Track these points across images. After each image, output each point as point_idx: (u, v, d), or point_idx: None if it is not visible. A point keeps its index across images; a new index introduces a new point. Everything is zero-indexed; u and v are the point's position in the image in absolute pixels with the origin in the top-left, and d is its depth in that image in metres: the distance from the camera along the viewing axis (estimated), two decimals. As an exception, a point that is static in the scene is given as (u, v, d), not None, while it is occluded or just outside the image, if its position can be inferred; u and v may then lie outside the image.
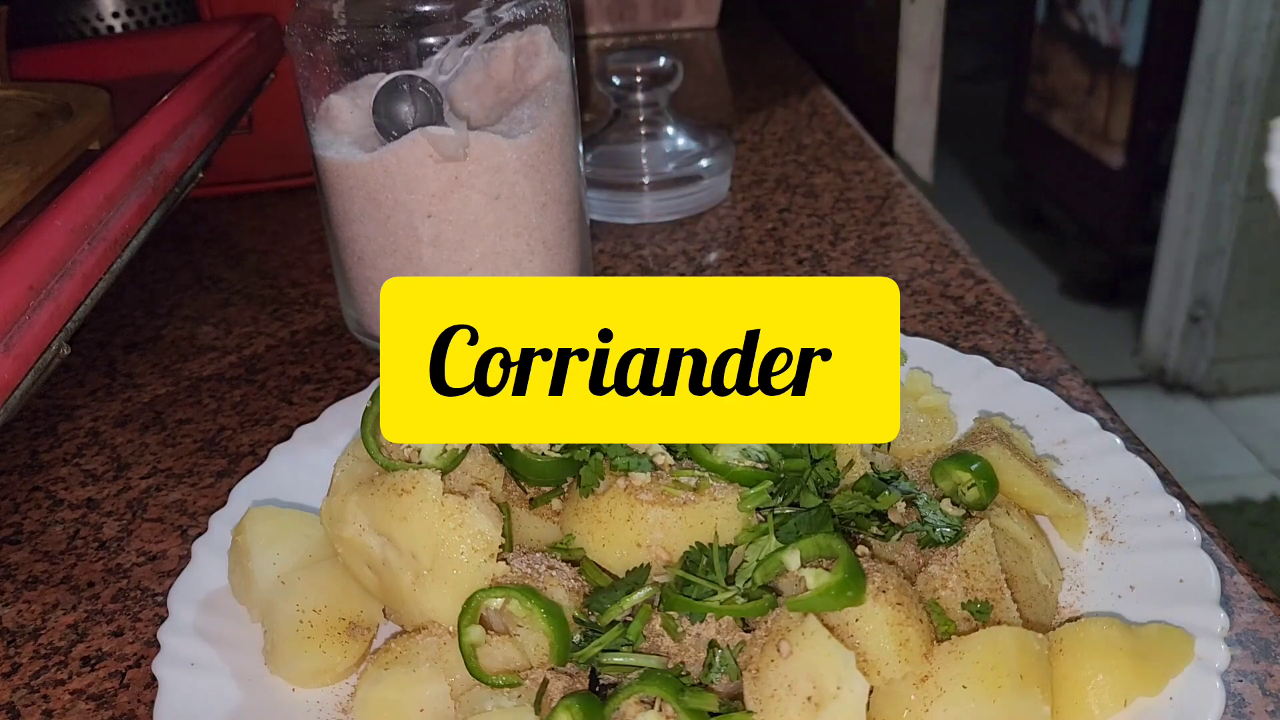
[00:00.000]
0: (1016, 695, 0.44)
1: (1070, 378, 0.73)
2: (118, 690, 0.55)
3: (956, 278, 0.87)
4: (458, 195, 0.70)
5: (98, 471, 0.73)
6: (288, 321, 0.90)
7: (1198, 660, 0.47)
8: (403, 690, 0.47)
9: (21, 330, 0.56)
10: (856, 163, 1.12)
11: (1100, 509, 0.57)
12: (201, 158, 0.80)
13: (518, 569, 0.50)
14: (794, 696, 0.43)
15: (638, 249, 0.97)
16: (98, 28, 1.07)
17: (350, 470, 0.55)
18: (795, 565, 0.48)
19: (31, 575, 0.64)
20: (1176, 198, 2.59)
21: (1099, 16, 2.95)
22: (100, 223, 0.65)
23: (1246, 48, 2.36)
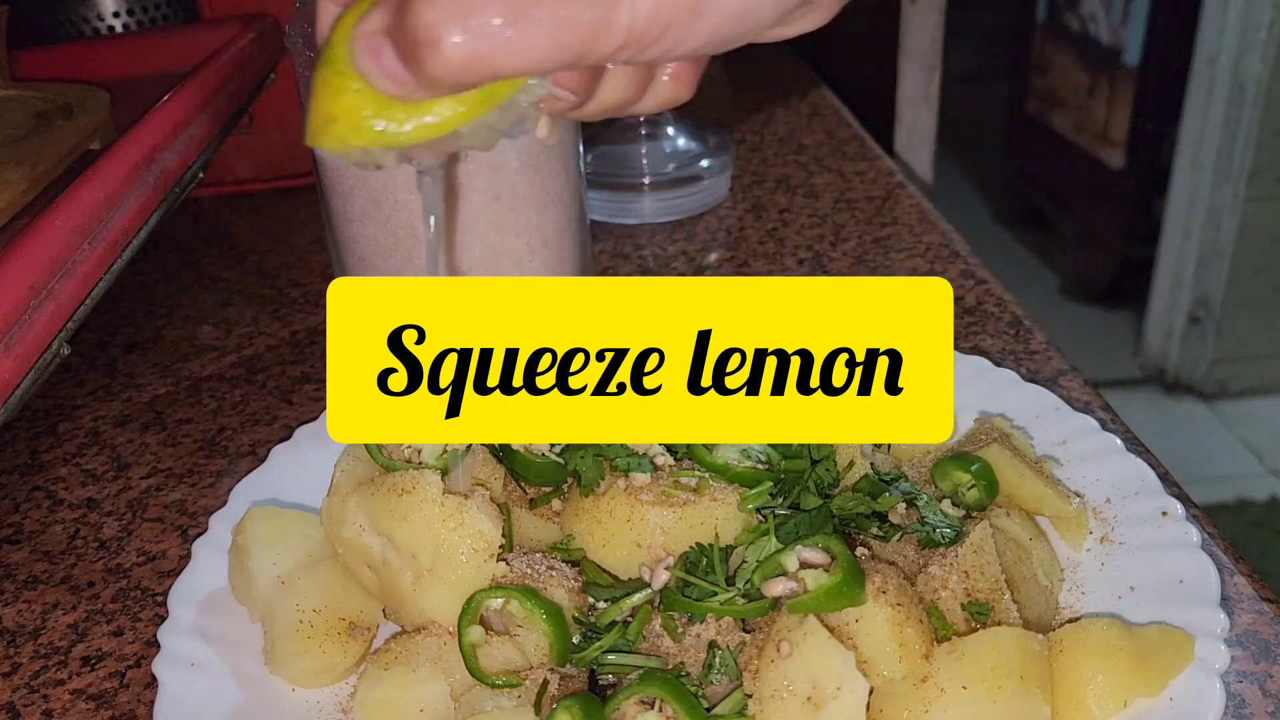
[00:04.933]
0: (1017, 696, 0.44)
1: (1070, 378, 0.73)
2: (118, 690, 0.55)
3: (957, 278, 0.87)
4: (458, 195, 0.70)
5: (98, 471, 0.73)
6: (288, 321, 0.90)
7: (1198, 661, 0.47)
8: (403, 690, 0.47)
9: (21, 330, 0.56)
10: (857, 163, 1.12)
11: (1100, 510, 0.57)
12: (201, 158, 0.80)
13: (518, 569, 0.50)
14: (794, 697, 0.43)
15: (638, 249, 0.97)
16: (98, 28, 1.07)
17: (350, 470, 0.55)
18: (794, 566, 0.48)
19: (31, 575, 0.64)
20: (1177, 198, 2.59)
21: (1099, 17, 2.95)
22: (100, 223, 0.65)
23: (1246, 48, 2.36)
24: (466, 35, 0.33)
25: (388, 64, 0.36)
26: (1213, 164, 2.49)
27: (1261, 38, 2.34)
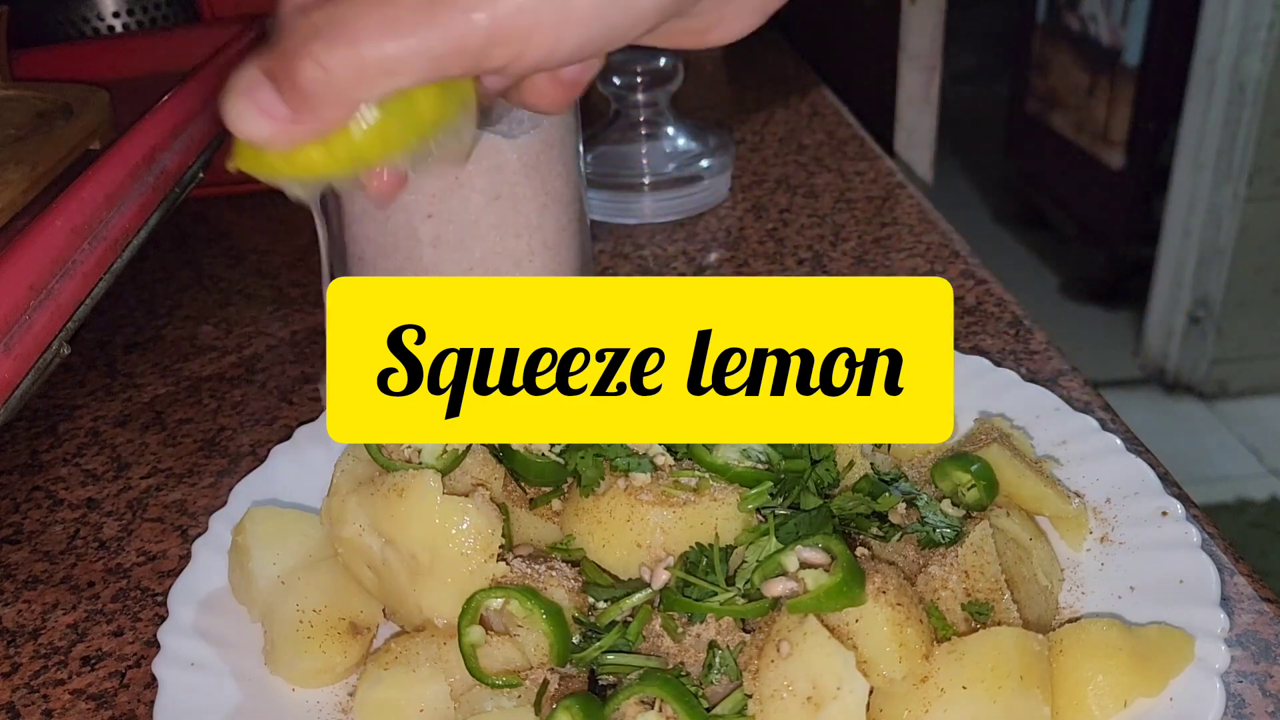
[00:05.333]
0: (1017, 696, 0.44)
1: (1070, 378, 0.73)
2: (118, 690, 0.55)
3: (957, 278, 0.87)
4: (458, 195, 0.70)
5: (98, 471, 0.73)
6: (288, 321, 0.90)
7: (1198, 661, 0.46)
8: (403, 690, 0.47)
9: (21, 330, 0.56)
10: (857, 163, 1.12)
11: (1100, 510, 0.57)
12: (201, 158, 0.80)
13: (518, 569, 0.50)
14: (794, 697, 0.43)
15: (638, 249, 0.97)
16: (98, 28, 1.07)
17: (350, 470, 0.55)
18: (794, 566, 0.48)
19: (31, 575, 0.64)
20: (1176, 198, 2.59)
21: (1099, 17, 2.95)
22: (100, 223, 0.65)
23: (1246, 48, 2.36)
24: (341, 48, 0.35)
25: (265, 102, 0.37)
26: (1213, 164, 2.49)
27: (1261, 38, 2.34)
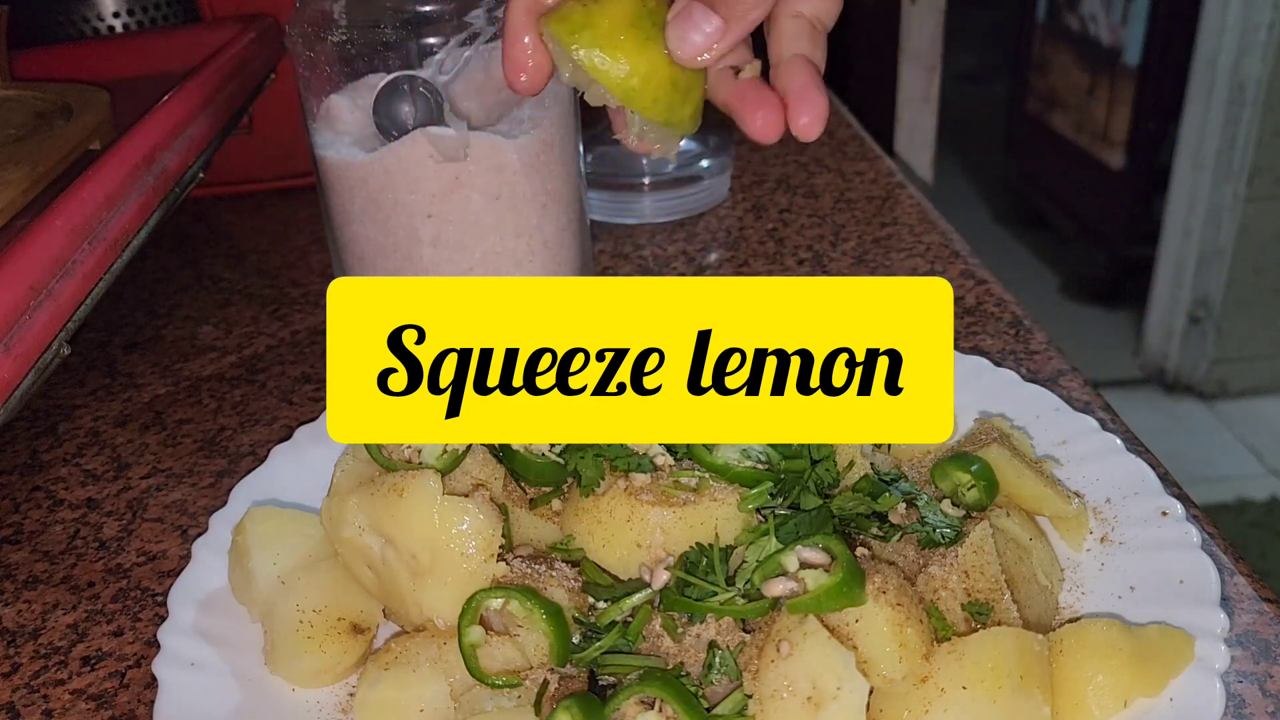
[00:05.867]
0: (1017, 696, 0.44)
1: (1070, 378, 0.73)
2: (118, 690, 0.55)
3: (957, 278, 0.87)
4: (458, 195, 0.70)
5: (98, 471, 0.73)
6: (288, 321, 0.90)
7: (1198, 661, 0.47)
8: (403, 690, 0.47)
9: (21, 330, 0.56)
10: (857, 163, 1.12)
11: (1100, 510, 0.57)
12: (201, 158, 0.80)
13: (518, 569, 0.50)
14: (794, 697, 0.43)
15: (638, 249, 0.97)
16: (98, 28, 1.07)
17: (350, 470, 0.55)
18: (794, 566, 0.48)
19: (31, 575, 0.64)
20: (1176, 198, 2.59)
21: (1099, 17, 2.95)
22: (100, 223, 0.65)
23: (1246, 48, 2.36)
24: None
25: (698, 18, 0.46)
26: (1213, 164, 2.49)
27: (1261, 38, 2.34)
